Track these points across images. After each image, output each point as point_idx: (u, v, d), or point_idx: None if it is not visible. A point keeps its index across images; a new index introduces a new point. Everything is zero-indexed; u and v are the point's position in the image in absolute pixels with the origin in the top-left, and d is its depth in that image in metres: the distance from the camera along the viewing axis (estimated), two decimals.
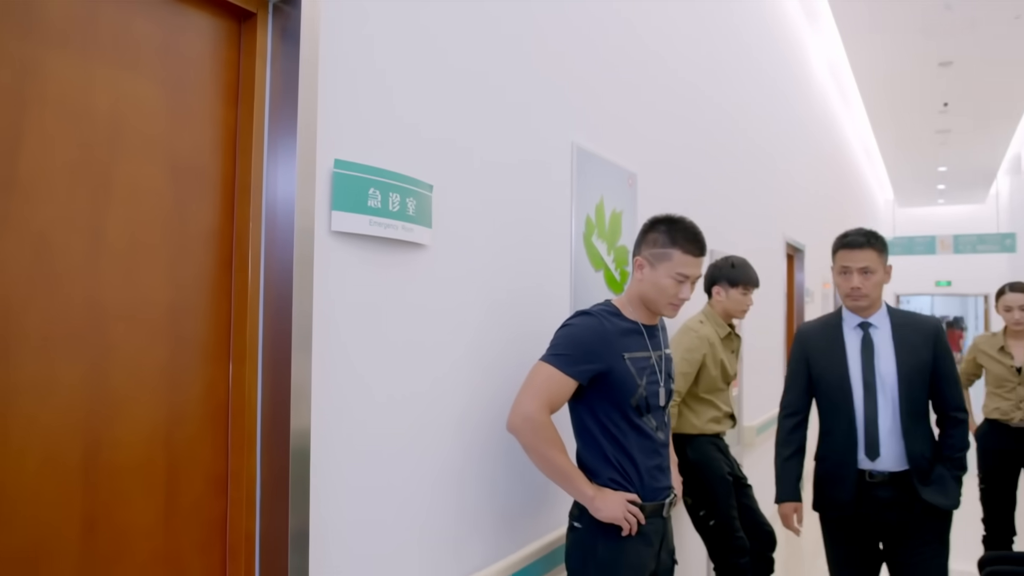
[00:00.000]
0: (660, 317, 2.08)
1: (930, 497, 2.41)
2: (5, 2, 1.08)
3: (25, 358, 1.09)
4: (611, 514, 1.84)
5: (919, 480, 2.41)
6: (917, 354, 2.45)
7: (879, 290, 2.48)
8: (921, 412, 2.45)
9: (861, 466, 2.46)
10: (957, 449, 2.48)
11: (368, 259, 1.59)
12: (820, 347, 2.59)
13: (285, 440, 1.40)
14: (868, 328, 2.52)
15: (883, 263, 2.50)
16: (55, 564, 1.12)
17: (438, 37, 1.82)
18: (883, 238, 2.55)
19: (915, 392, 2.44)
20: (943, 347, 2.50)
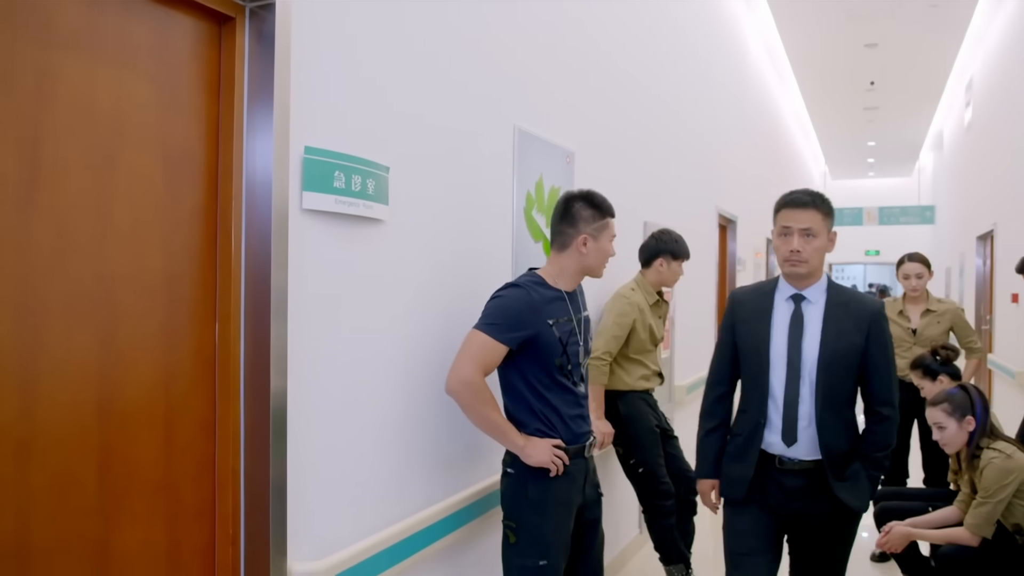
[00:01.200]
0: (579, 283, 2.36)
1: (842, 494, 2.22)
2: (24, 14, 1.26)
3: (50, 321, 1.30)
4: (539, 459, 2.11)
5: (833, 475, 2.21)
6: (847, 338, 2.20)
7: (820, 258, 2.22)
8: (842, 401, 2.23)
9: (774, 451, 2.27)
10: (877, 447, 2.26)
11: (334, 233, 1.82)
12: (747, 316, 2.34)
13: (265, 390, 1.63)
14: (801, 302, 2.25)
15: (827, 228, 2.23)
16: (80, 492, 1.35)
17: (399, 35, 2.03)
18: (830, 202, 2.28)
19: (835, 379, 2.20)
20: (879, 334, 2.25)
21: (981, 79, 8.75)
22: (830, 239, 2.25)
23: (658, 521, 3.45)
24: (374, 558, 1.88)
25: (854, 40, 8.76)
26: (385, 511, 2.00)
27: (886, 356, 2.28)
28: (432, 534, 2.14)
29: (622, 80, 3.90)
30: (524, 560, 2.13)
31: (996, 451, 2.87)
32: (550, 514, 2.15)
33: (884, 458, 2.30)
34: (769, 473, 2.28)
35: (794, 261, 2.21)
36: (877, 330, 2.25)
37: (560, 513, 2.17)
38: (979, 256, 9.07)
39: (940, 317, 4.27)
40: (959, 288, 10.73)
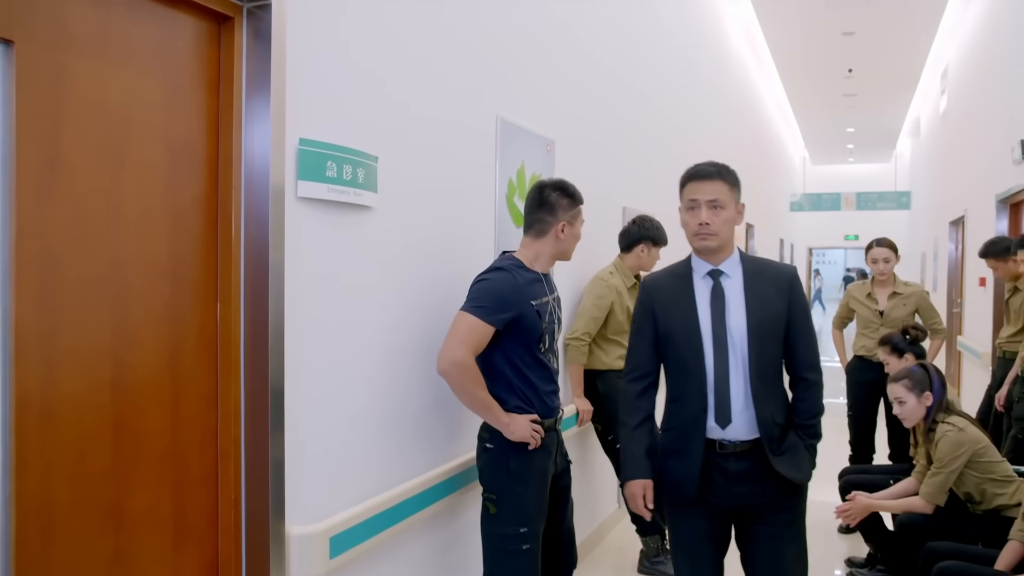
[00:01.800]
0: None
1: (782, 469, 2.12)
2: (41, 19, 1.37)
3: (68, 301, 1.42)
4: (521, 434, 2.25)
5: (770, 450, 2.12)
6: (771, 306, 2.13)
7: (729, 229, 2.14)
8: (773, 372, 2.16)
9: (712, 436, 2.13)
10: (810, 415, 2.18)
11: (327, 220, 1.94)
12: (667, 300, 2.20)
13: (264, 366, 1.75)
14: (719, 276, 2.16)
15: (735, 199, 2.15)
16: (97, 456, 1.47)
17: (390, 32, 2.14)
18: (735, 173, 2.22)
19: (767, 349, 2.12)
20: (798, 298, 2.19)
21: (956, 68, 8.94)
22: (738, 211, 2.18)
23: None
24: (364, 523, 2.02)
25: (832, 28, 8.91)
26: (374, 481, 2.14)
27: (805, 320, 2.21)
28: (417, 503, 2.28)
29: (602, 73, 4.02)
30: (505, 529, 2.27)
31: (950, 424, 3.05)
32: (530, 484, 2.29)
33: (818, 425, 2.22)
34: (711, 460, 2.14)
35: (703, 234, 2.12)
36: (796, 294, 2.19)
37: (539, 483, 2.32)
38: (951, 241, 9.30)
39: (906, 300, 4.46)
40: (933, 272, 10.99)
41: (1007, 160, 5.77)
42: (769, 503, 2.17)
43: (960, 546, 2.76)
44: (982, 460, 2.99)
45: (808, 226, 20.23)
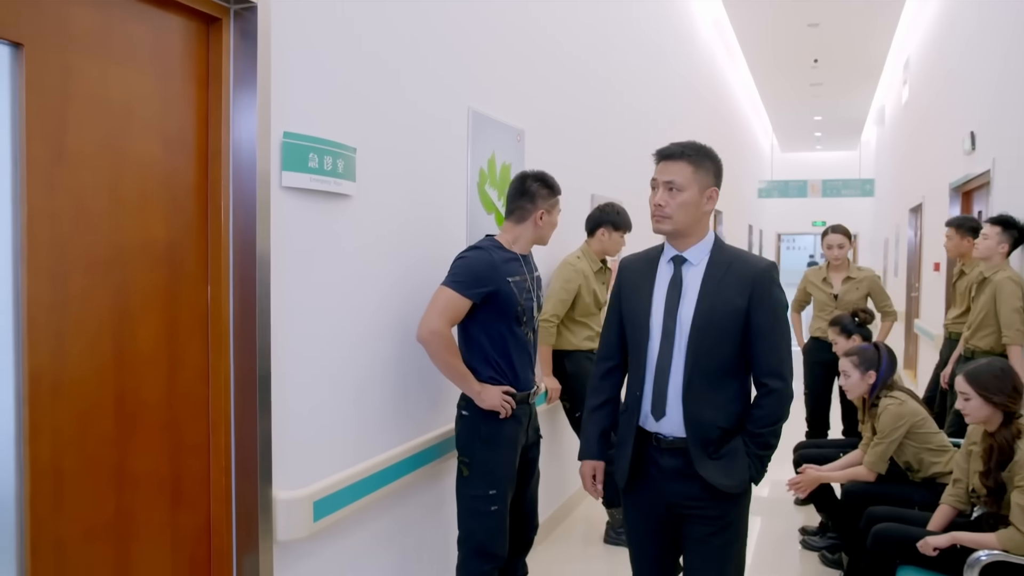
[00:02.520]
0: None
1: (707, 473, 2.00)
2: (50, 23, 1.49)
3: (75, 282, 1.55)
4: (491, 403, 2.44)
5: (700, 451, 2.01)
6: (726, 300, 2.00)
7: (688, 214, 2.01)
8: (719, 371, 2.02)
9: (650, 428, 2.08)
10: (762, 423, 2.03)
11: (310, 208, 2.08)
12: (632, 283, 2.16)
13: (252, 343, 1.90)
14: (681, 264, 2.07)
15: (699, 182, 2.02)
16: (100, 425, 1.61)
17: (362, 29, 2.27)
18: (709, 155, 2.08)
19: (713, 346, 2.00)
20: (764, 296, 2.01)
21: (917, 59, 9.20)
22: (707, 196, 2.04)
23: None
24: (347, 489, 2.18)
25: (798, 19, 9.13)
26: (356, 450, 2.29)
27: (773, 322, 2.03)
28: (398, 470, 2.44)
29: (571, 65, 4.17)
30: (476, 491, 2.46)
31: (892, 398, 3.27)
32: (500, 450, 2.47)
33: (771, 435, 2.04)
34: (647, 453, 2.09)
35: (657, 217, 2.05)
36: (761, 292, 2.01)
37: (508, 449, 2.49)
38: (911, 228, 9.61)
39: (859, 284, 4.69)
40: (894, 258, 11.33)
41: (960, 150, 6.03)
42: (700, 505, 2.05)
43: (898, 510, 2.99)
44: (920, 431, 3.23)
45: (777, 212, 20.62)
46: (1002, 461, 2.59)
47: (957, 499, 2.84)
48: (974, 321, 4.06)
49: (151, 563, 1.75)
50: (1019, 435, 2.58)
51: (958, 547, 2.59)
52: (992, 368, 2.68)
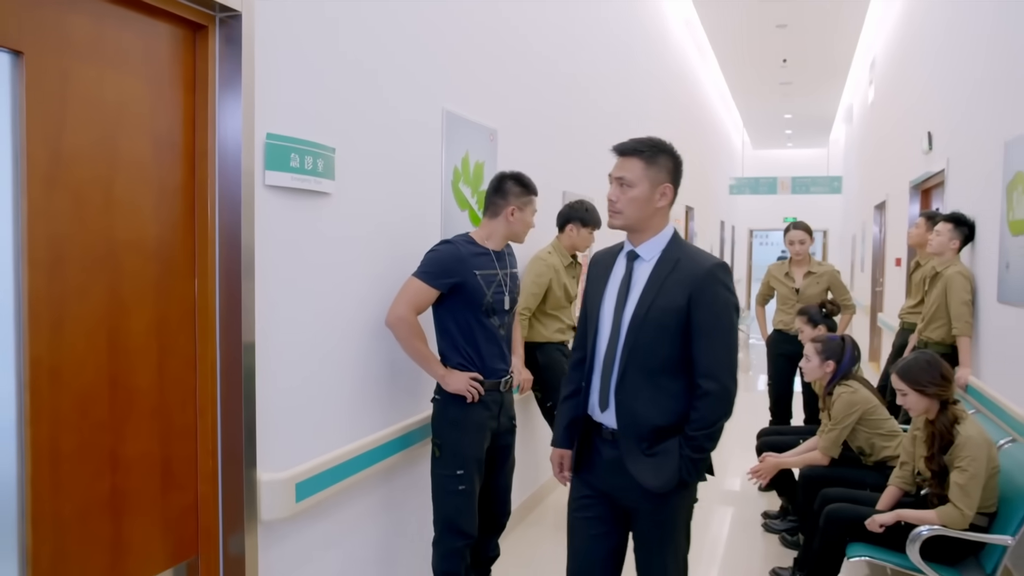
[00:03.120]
0: (507, 245, 2.79)
1: (635, 470, 2.03)
2: (48, 32, 1.59)
3: (71, 275, 1.65)
4: (456, 387, 2.59)
5: (631, 446, 2.05)
6: (668, 297, 2.01)
7: (638, 209, 2.05)
8: (657, 368, 2.03)
9: (595, 416, 2.15)
10: (696, 427, 2.01)
11: (291, 205, 2.19)
12: (594, 277, 2.22)
13: (237, 333, 2.00)
14: (634, 259, 2.11)
15: (651, 178, 2.05)
16: (95, 410, 1.71)
17: (342, 34, 2.38)
18: (666, 151, 2.09)
19: (647, 340, 2.02)
20: (705, 295, 2.00)
21: (881, 60, 9.46)
22: (660, 193, 2.07)
23: None
24: (327, 472, 2.29)
25: (766, 20, 9.34)
26: (336, 435, 2.41)
27: (714, 322, 2.01)
28: (377, 455, 2.57)
29: (542, 66, 4.30)
30: (446, 470, 2.61)
31: (845, 386, 3.45)
32: (466, 432, 2.62)
33: (705, 439, 2.01)
34: (594, 441, 2.17)
35: (610, 212, 2.11)
36: (702, 291, 2.00)
37: (475, 432, 2.64)
38: (876, 224, 9.89)
39: (819, 278, 4.89)
40: (861, 253, 11.62)
41: (919, 150, 6.25)
42: (636, 498, 2.09)
43: (849, 491, 3.17)
44: (872, 418, 3.41)
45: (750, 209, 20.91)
46: (944, 446, 2.77)
47: (903, 480, 3.02)
48: (927, 314, 4.27)
49: (143, 540, 1.86)
50: (957, 420, 2.76)
51: (903, 524, 2.77)
52: (919, 362, 2.85)
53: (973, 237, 4.21)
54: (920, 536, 2.66)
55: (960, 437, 2.71)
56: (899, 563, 2.78)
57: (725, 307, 2.03)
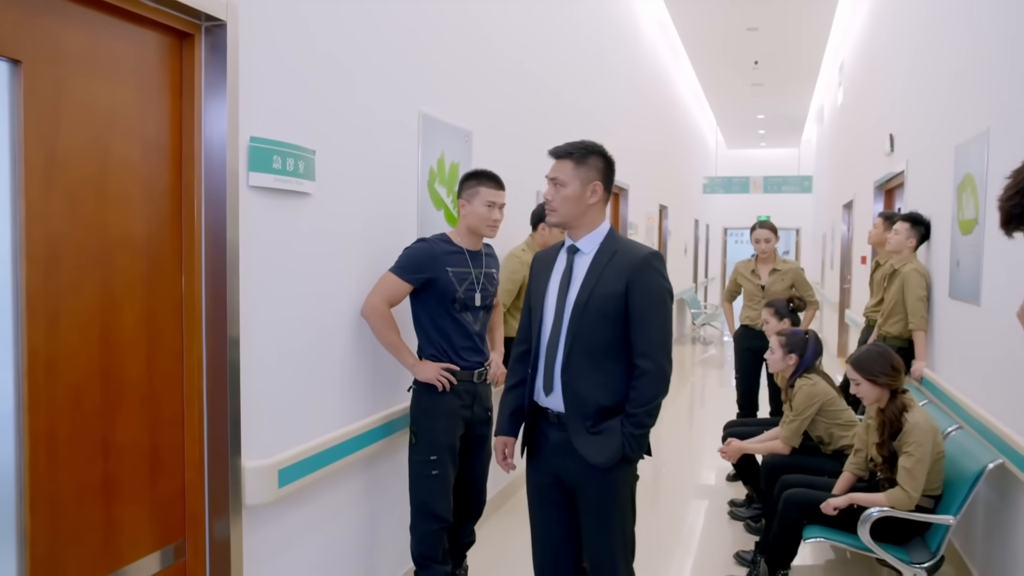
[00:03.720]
0: (484, 246, 2.91)
1: (581, 447, 2.18)
2: (45, 41, 1.68)
3: (66, 271, 1.74)
4: (426, 376, 2.73)
5: (577, 426, 2.19)
6: (606, 285, 2.17)
7: (571, 207, 2.22)
8: (600, 351, 2.18)
9: (539, 401, 2.29)
10: (636, 404, 2.15)
11: (274, 205, 2.29)
12: (536, 272, 2.38)
13: (222, 327, 2.11)
14: (575, 253, 2.27)
15: (581, 178, 2.22)
16: (88, 399, 1.81)
17: (323, 41, 2.49)
18: (596, 152, 2.27)
19: (594, 327, 2.17)
20: (640, 282, 2.16)
21: (850, 63, 9.69)
22: (591, 190, 2.22)
23: None
24: (309, 459, 2.40)
25: (737, 23, 9.54)
26: (318, 424, 2.52)
27: (648, 306, 2.17)
28: (357, 443, 2.69)
29: (516, 68, 4.42)
30: (420, 456, 2.75)
31: (806, 379, 3.62)
32: (438, 420, 2.76)
33: (645, 415, 2.16)
34: (540, 426, 2.31)
35: (547, 210, 2.30)
36: (638, 278, 2.17)
37: (447, 420, 2.77)
38: (844, 223, 10.14)
39: (784, 275, 5.06)
40: (831, 252, 11.89)
41: (882, 151, 6.46)
42: (581, 478, 2.21)
43: (807, 477, 3.33)
44: (830, 409, 3.58)
45: (724, 208, 21.21)
46: (893, 432, 2.93)
47: (857, 466, 3.19)
48: (886, 309, 4.45)
49: (133, 523, 1.96)
50: (905, 408, 2.93)
51: (855, 507, 2.93)
52: (872, 353, 3.02)
53: (929, 235, 4.40)
54: (870, 517, 2.83)
55: (908, 424, 2.88)
56: (852, 544, 2.95)
57: (659, 292, 2.20)
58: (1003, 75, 3.18)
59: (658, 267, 2.21)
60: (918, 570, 2.82)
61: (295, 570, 2.47)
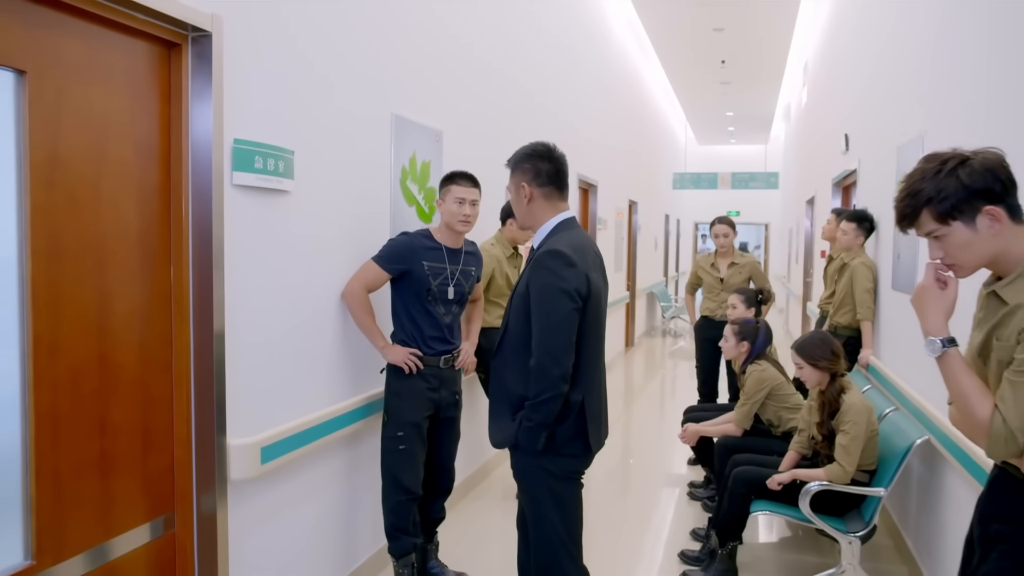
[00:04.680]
0: (467, 243, 3.11)
1: (490, 428, 2.40)
2: (47, 53, 1.84)
3: (66, 262, 1.90)
4: (394, 359, 2.94)
5: (498, 410, 2.35)
6: (522, 284, 2.28)
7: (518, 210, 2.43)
8: (520, 344, 2.26)
9: None
10: (530, 399, 2.19)
11: (256, 202, 2.46)
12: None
13: (209, 314, 2.27)
14: (532, 251, 2.38)
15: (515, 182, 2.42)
16: (87, 380, 1.97)
17: (302, 49, 2.65)
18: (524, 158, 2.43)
19: (513, 321, 2.31)
20: (534, 280, 2.21)
21: (813, 64, 10.00)
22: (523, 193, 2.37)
23: None
24: (289, 438, 2.58)
25: (704, 24, 9.80)
26: (299, 406, 2.70)
27: (536, 304, 2.20)
28: (336, 424, 2.89)
29: (485, 70, 4.61)
30: (390, 433, 2.97)
31: (757, 366, 3.86)
32: (405, 400, 2.97)
33: (532, 408, 2.19)
34: None
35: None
36: (533, 276, 2.23)
37: (413, 401, 2.97)
38: (807, 218, 10.46)
39: (741, 268, 5.32)
40: (796, 246, 12.23)
41: (839, 149, 6.74)
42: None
43: (755, 456, 3.57)
44: (779, 393, 3.83)
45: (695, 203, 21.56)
46: (832, 412, 3.18)
47: (801, 445, 3.44)
48: (837, 301, 4.72)
49: (126, 496, 2.12)
50: (843, 390, 3.18)
51: (798, 482, 3.17)
52: (814, 340, 3.27)
53: (874, 228, 4.66)
54: (810, 491, 3.07)
55: (845, 404, 3.13)
56: (795, 516, 3.19)
57: (543, 290, 2.20)
58: (936, 84, 3.43)
59: (549, 264, 2.20)
60: (852, 538, 3.07)
61: (278, 542, 2.65)
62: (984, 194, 1.55)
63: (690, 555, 3.62)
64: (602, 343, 2.38)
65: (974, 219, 1.56)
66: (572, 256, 2.21)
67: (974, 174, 1.55)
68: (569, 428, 2.26)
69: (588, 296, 2.23)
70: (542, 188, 2.38)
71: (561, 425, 2.25)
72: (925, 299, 1.66)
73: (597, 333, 2.33)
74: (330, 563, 3.03)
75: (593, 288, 2.25)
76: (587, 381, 2.28)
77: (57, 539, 1.91)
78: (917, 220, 1.63)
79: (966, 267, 1.63)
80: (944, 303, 1.64)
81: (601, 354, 2.38)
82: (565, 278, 2.19)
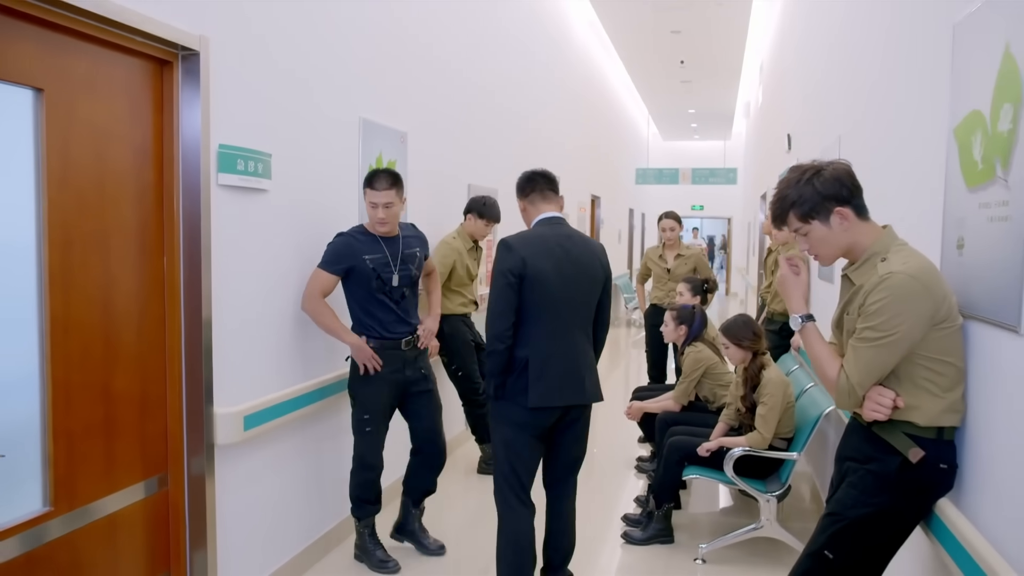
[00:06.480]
0: (406, 227, 3.39)
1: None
2: (60, 72, 2.14)
3: (76, 252, 2.21)
4: (358, 358, 3.22)
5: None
6: None
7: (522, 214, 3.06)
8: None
9: None
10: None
11: (239, 200, 2.78)
12: None
13: (197, 298, 2.59)
14: None
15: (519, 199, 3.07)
16: (94, 353, 2.28)
17: (280, 62, 2.97)
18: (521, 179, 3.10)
19: None
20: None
21: (767, 65, 10.47)
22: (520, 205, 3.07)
23: (473, 411, 4.66)
24: (269, 408, 2.91)
25: (662, 27, 10.21)
26: (277, 381, 3.02)
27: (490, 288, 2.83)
28: (312, 397, 3.22)
29: (448, 72, 4.94)
30: (358, 415, 3.28)
31: (694, 347, 4.26)
32: (369, 385, 3.25)
33: (486, 359, 2.88)
34: None
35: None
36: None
37: (377, 385, 3.25)
38: (762, 213, 10.94)
39: (687, 260, 5.73)
40: (753, 240, 12.73)
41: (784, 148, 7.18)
42: None
43: (690, 428, 3.97)
44: (714, 372, 4.23)
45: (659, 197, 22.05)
46: (753, 386, 3.58)
47: (729, 417, 3.83)
48: (774, 290, 5.13)
49: (126, 456, 2.44)
50: (764, 367, 3.58)
51: (724, 449, 3.57)
52: (738, 322, 3.67)
53: None
54: (733, 455, 3.47)
55: (764, 379, 3.53)
56: (721, 479, 3.58)
57: (493, 271, 2.84)
58: (849, 92, 3.84)
59: (496, 251, 2.82)
60: (770, 496, 3.48)
61: (259, 502, 2.98)
62: (835, 198, 1.93)
63: (632, 517, 4.01)
64: (558, 314, 2.79)
65: (828, 218, 1.95)
66: (512, 244, 2.78)
67: (826, 182, 1.93)
68: (517, 381, 2.78)
69: (524, 274, 2.72)
70: (525, 198, 3.03)
71: (510, 376, 2.79)
72: (786, 285, 2.05)
73: (545, 304, 2.76)
74: (306, 522, 3.36)
75: (530, 268, 2.73)
76: (532, 344, 2.77)
77: (70, 490, 2.22)
78: (786, 220, 2.01)
79: (826, 257, 2.01)
80: (800, 287, 2.03)
81: (558, 323, 2.80)
82: (501, 260, 2.78)
